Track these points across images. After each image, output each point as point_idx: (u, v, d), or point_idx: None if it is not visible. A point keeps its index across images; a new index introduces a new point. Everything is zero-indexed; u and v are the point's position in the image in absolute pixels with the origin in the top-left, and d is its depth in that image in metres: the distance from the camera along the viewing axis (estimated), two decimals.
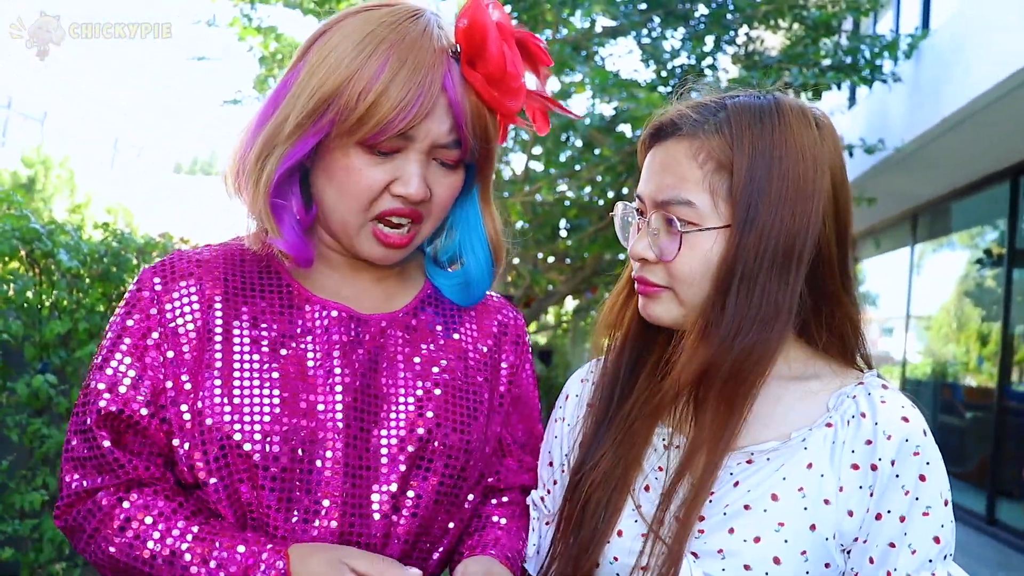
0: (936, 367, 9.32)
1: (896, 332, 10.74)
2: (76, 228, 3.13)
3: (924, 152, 7.55)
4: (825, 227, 1.07)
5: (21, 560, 2.89)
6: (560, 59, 5.71)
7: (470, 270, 1.22)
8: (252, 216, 1.12)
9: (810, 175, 1.05)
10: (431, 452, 1.12)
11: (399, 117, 1.02)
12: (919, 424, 1.05)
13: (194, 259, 1.16)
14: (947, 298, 9.08)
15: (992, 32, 5.97)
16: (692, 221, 1.06)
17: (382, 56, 1.03)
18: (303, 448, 1.06)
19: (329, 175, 1.09)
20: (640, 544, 1.07)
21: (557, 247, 7.96)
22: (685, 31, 6.72)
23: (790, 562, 1.01)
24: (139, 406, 1.08)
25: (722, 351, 1.04)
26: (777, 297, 1.05)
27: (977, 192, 8.23)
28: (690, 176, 1.06)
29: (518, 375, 1.28)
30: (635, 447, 1.13)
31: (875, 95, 8.13)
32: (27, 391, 2.80)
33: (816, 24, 6.75)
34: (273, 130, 1.07)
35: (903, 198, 9.43)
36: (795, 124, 1.07)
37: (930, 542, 1.02)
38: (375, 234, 1.10)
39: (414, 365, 1.16)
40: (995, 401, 7.52)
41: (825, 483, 1.04)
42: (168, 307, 1.11)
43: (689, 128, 1.08)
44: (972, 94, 6.10)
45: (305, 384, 1.09)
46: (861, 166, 8.14)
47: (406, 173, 1.07)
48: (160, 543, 1.04)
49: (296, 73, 1.09)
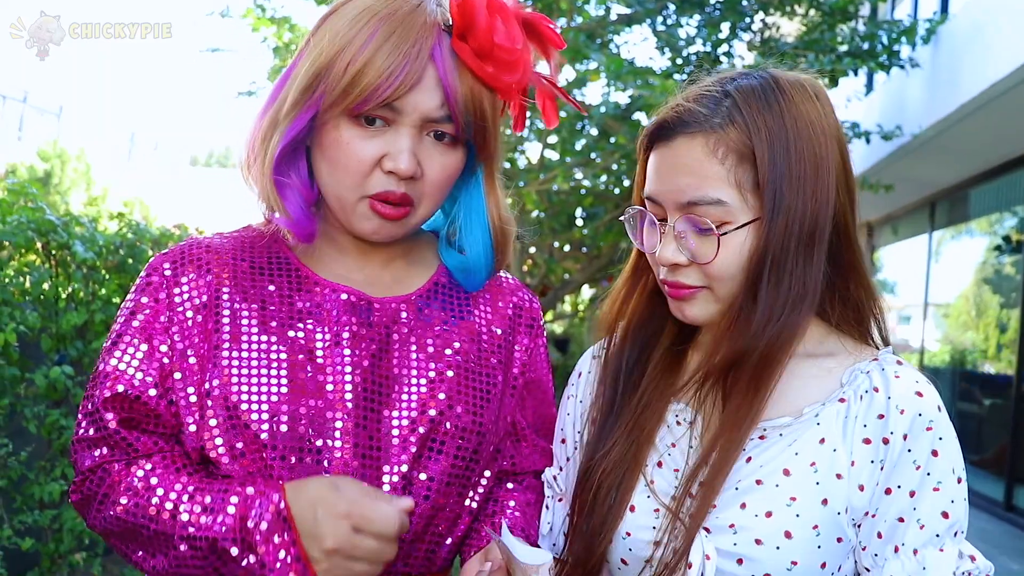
0: (954, 354, 9.25)
1: (914, 320, 10.67)
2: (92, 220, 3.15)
3: (942, 138, 7.48)
4: (840, 197, 1.07)
5: (41, 550, 2.92)
6: (575, 47, 5.68)
7: (469, 256, 1.22)
8: (259, 196, 1.14)
9: (823, 149, 1.05)
10: (443, 434, 1.12)
11: (384, 85, 1.03)
12: (933, 399, 1.04)
13: (204, 245, 1.18)
14: (965, 285, 9.00)
15: (1011, 17, 5.90)
16: (724, 220, 1.04)
17: (372, 27, 1.04)
18: (312, 428, 1.07)
19: (322, 150, 1.10)
20: (653, 519, 1.08)
21: (573, 236, 7.95)
22: (700, 18, 6.66)
23: (802, 536, 1.01)
24: (147, 387, 1.09)
25: (755, 339, 1.04)
26: (804, 280, 1.05)
27: (995, 178, 8.15)
28: (713, 173, 1.04)
29: (532, 358, 1.27)
30: (647, 429, 1.13)
31: (892, 81, 8.05)
32: (45, 382, 2.82)
33: (832, 10, 6.68)
34: (276, 109, 1.10)
35: (921, 185, 9.35)
36: (798, 99, 1.06)
37: (939, 517, 1.01)
38: (372, 207, 1.09)
39: (426, 347, 1.16)
40: (1014, 388, 7.46)
41: (837, 458, 1.04)
42: (177, 292, 1.13)
43: (699, 123, 1.05)
44: (990, 80, 6.03)
45: (314, 365, 1.10)
46: (878, 153, 8.07)
47: (395, 148, 1.07)
48: (164, 497, 1.04)
49: (300, 56, 1.11)
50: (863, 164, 8.34)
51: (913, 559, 1.00)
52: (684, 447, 1.12)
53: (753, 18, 6.83)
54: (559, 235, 7.98)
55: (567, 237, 8.02)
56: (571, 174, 6.90)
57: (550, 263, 7.90)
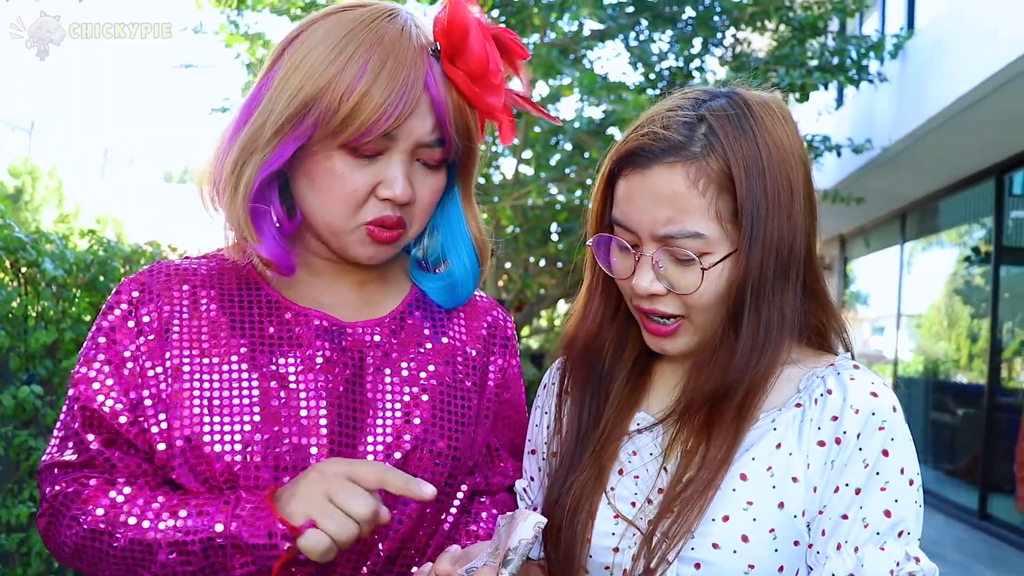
0: (927, 365, 9.34)
1: (887, 331, 10.77)
2: (62, 237, 3.11)
3: (911, 151, 7.58)
4: (806, 219, 1.07)
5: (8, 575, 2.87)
6: (548, 63, 5.71)
7: (454, 271, 1.21)
8: (230, 226, 1.10)
9: (793, 173, 1.05)
10: (418, 459, 1.10)
11: (383, 117, 1.01)
12: (888, 400, 1.04)
13: (174, 270, 1.15)
14: (937, 296, 9.11)
15: (975, 32, 6.00)
16: (703, 251, 1.03)
17: (362, 57, 1.02)
18: (287, 457, 1.05)
19: (310, 179, 1.07)
20: (612, 525, 1.09)
21: (548, 251, 7.96)
22: (672, 34, 6.72)
23: (758, 540, 1.01)
24: (118, 414, 1.07)
25: (738, 371, 1.04)
26: (783, 306, 1.05)
27: (964, 190, 8.27)
28: (693, 206, 1.02)
29: (506, 378, 1.26)
30: (611, 449, 1.13)
31: (862, 95, 8.15)
32: (13, 402, 2.77)
33: (802, 25, 6.76)
34: (251, 136, 1.05)
35: (891, 197, 9.46)
36: (769, 122, 1.05)
37: (881, 516, 1.01)
38: (370, 234, 1.08)
39: (400, 371, 1.14)
40: (985, 397, 7.54)
41: (793, 462, 1.04)
42: (146, 319, 1.11)
43: (677, 152, 1.03)
44: (956, 93, 6.12)
45: (287, 393, 1.08)
46: (849, 166, 8.16)
47: (389, 176, 1.05)
48: (145, 507, 1.01)
49: (271, 78, 1.07)
50: (835, 177, 8.43)
51: (853, 556, 1.00)
52: (646, 456, 1.12)
53: (725, 34, 6.89)
54: (534, 250, 7.98)
55: (542, 252, 8.02)
56: (546, 189, 6.92)
57: (525, 278, 7.90)
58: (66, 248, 3.02)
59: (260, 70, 1.11)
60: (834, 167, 8.20)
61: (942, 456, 8.71)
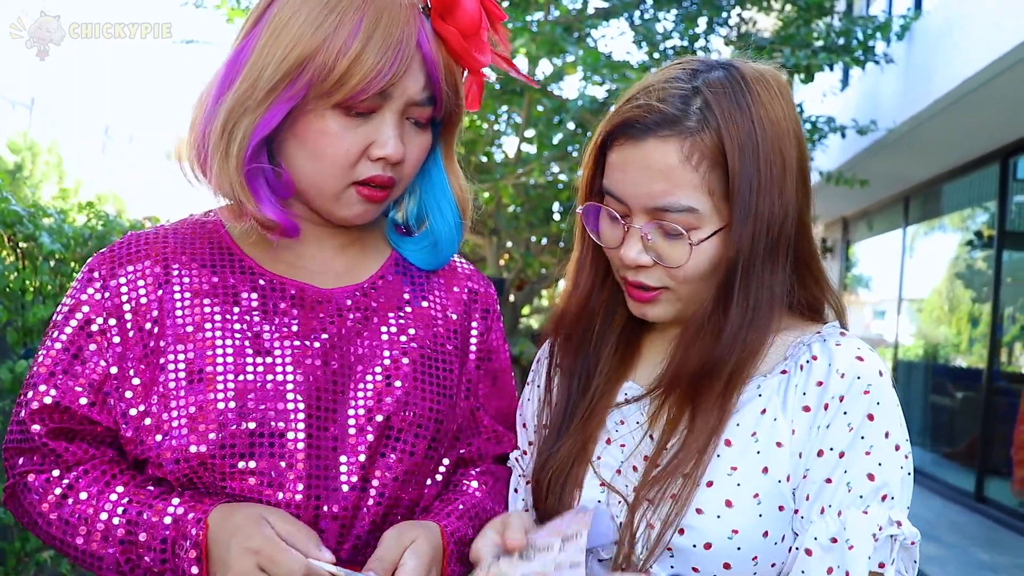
0: (928, 349, 9.34)
1: (888, 314, 10.76)
2: (60, 212, 3.10)
3: (916, 134, 7.54)
4: (799, 196, 1.06)
5: (6, 549, 2.87)
6: (552, 40, 5.67)
7: (438, 231, 1.20)
8: (220, 192, 1.08)
9: (787, 149, 1.04)
10: (400, 423, 1.10)
11: (379, 76, 1.01)
12: (874, 365, 1.04)
13: (143, 240, 1.14)
14: (939, 280, 9.09)
15: (982, 14, 5.95)
16: (694, 225, 1.02)
17: (355, 15, 1.01)
18: (264, 424, 1.04)
19: (302, 140, 1.06)
20: (598, 493, 1.09)
21: (550, 230, 7.95)
22: (677, 12, 6.68)
23: (742, 505, 1.01)
24: (77, 396, 1.07)
25: (726, 350, 1.04)
26: (772, 284, 1.05)
27: (968, 174, 8.23)
28: (686, 180, 1.01)
29: (489, 345, 1.26)
30: (603, 402, 1.14)
31: (868, 76, 8.11)
32: (11, 377, 2.77)
33: (808, 5, 6.72)
34: (239, 98, 1.03)
35: (895, 180, 9.42)
36: (764, 96, 1.04)
37: (865, 479, 1.00)
38: (360, 193, 1.08)
39: (380, 335, 1.14)
40: (984, 381, 7.54)
41: (778, 427, 1.04)
42: (115, 291, 1.09)
43: (672, 126, 1.02)
44: (962, 76, 6.08)
45: (264, 361, 1.07)
46: (854, 147, 8.12)
47: (383, 135, 1.05)
48: (93, 518, 1.04)
49: (254, 38, 1.05)
50: (839, 159, 8.40)
51: (836, 520, 0.99)
52: (632, 425, 1.12)
53: (730, 13, 6.86)
54: (536, 229, 7.98)
55: (544, 231, 8.02)
56: (548, 168, 6.91)
57: (527, 257, 7.90)
58: (64, 222, 3.01)
59: (240, 31, 1.09)
60: (838, 149, 8.17)
61: (940, 439, 8.73)
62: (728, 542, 1.01)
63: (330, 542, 1.06)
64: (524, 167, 6.72)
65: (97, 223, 3.11)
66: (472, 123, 7.11)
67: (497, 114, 7.32)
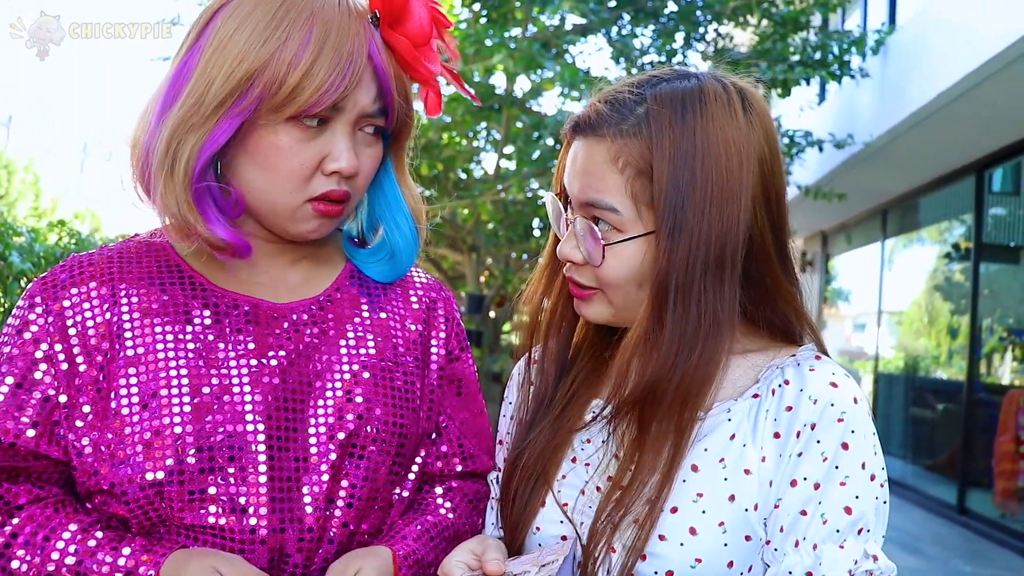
0: (908, 361, 9.38)
1: (868, 327, 10.82)
2: (31, 231, 3.05)
3: (892, 147, 7.61)
4: (757, 219, 1.04)
5: None
6: (529, 56, 5.68)
7: (395, 243, 1.18)
8: (165, 213, 1.03)
9: (735, 171, 1.01)
10: (363, 438, 1.07)
11: (331, 90, 0.98)
12: (849, 391, 1.01)
13: (86, 262, 1.09)
14: (918, 293, 9.15)
15: (956, 28, 6.02)
16: (616, 227, 1.03)
17: (303, 26, 0.98)
18: (222, 447, 1.01)
19: (252, 156, 1.03)
20: (561, 514, 1.08)
21: (530, 246, 7.93)
22: (655, 28, 6.71)
23: (707, 533, 0.99)
24: (23, 428, 1.01)
25: (666, 368, 1.01)
26: (715, 306, 1.02)
27: (944, 187, 8.31)
28: (611, 181, 1.03)
29: (452, 354, 1.22)
30: (570, 420, 1.13)
31: (844, 90, 8.17)
32: None
33: (784, 20, 6.77)
34: (184, 115, 0.99)
35: (873, 193, 9.49)
36: (718, 114, 1.02)
37: (841, 512, 0.97)
38: (315, 209, 1.05)
39: (338, 349, 1.11)
40: (964, 393, 7.58)
41: (747, 453, 1.01)
42: (59, 316, 1.05)
43: (608, 128, 1.04)
44: (937, 89, 6.14)
45: (219, 382, 1.04)
46: (831, 162, 8.18)
47: (336, 148, 1.03)
48: (40, 569, 0.99)
49: (196, 53, 1.01)
50: (817, 173, 8.45)
51: (811, 554, 0.97)
52: (597, 444, 1.10)
53: (707, 28, 6.89)
54: (516, 246, 7.96)
55: (524, 247, 8.00)
56: (527, 184, 6.90)
57: (507, 274, 7.87)
58: (35, 241, 2.96)
59: (180, 46, 1.05)
60: (816, 163, 8.22)
61: (921, 451, 8.76)
62: (691, 571, 0.98)
63: (299, 561, 1.03)
64: (503, 183, 6.71)
65: (70, 242, 3.06)
66: (451, 140, 7.11)
67: (475, 131, 7.31)
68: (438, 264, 9.38)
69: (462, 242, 8.07)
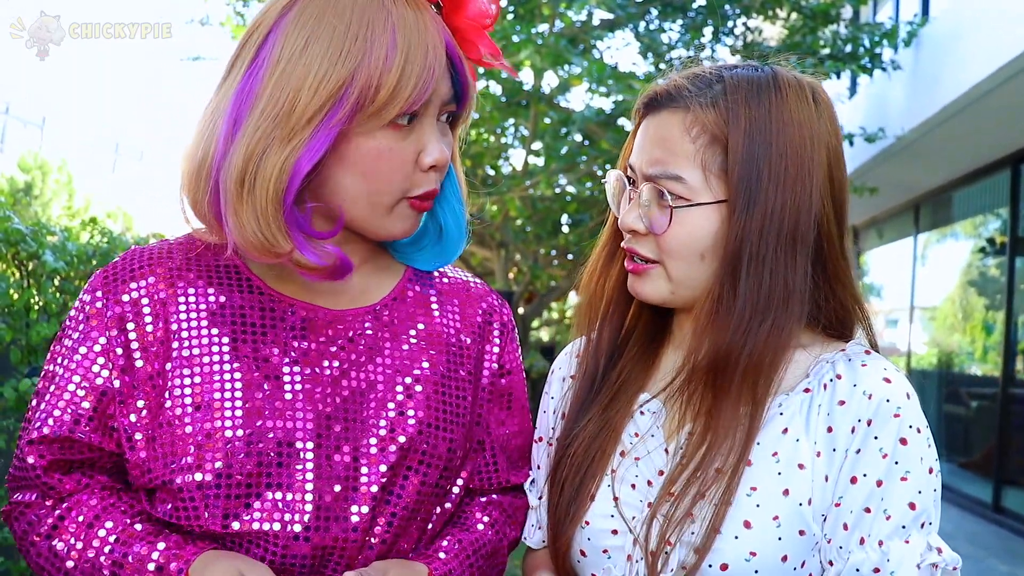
0: (941, 357, 9.26)
1: (901, 323, 10.68)
2: (64, 230, 3.09)
3: (925, 141, 7.50)
4: (824, 206, 1.06)
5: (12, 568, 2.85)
6: (557, 52, 5.66)
7: (447, 223, 1.17)
8: (239, 234, 0.98)
9: (807, 151, 1.04)
10: (414, 454, 1.06)
11: (426, 86, 0.98)
12: (902, 387, 1.02)
13: (146, 256, 1.09)
14: (951, 288, 9.02)
15: (990, 19, 5.91)
16: (682, 196, 1.04)
17: (385, 29, 0.96)
18: (271, 453, 1.00)
19: (351, 165, 0.99)
20: (611, 508, 1.07)
21: (558, 242, 7.93)
22: (683, 23, 6.67)
23: (761, 527, 0.98)
24: (80, 419, 1.03)
25: (738, 336, 1.02)
26: (787, 278, 1.03)
27: (978, 181, 8.18)
28: (681, 150, 1.05)
29: (504, 367, 1.21)
30: (619, 414, 1.12)
31: (875, 84, 8.06)
32: (14, 395, 2.75)
33: (814, 13, 6.69)
34: (265, 130, 0.95)
35: (905, 187, 9.37)
36: (792, 98, 1.05)
37: (906, 508, 0.98)
38: (412, 206, 1.05)
39: (394, 360, 1.10)
40: (1000, 390, 7.47)
41: (800, 448, 1.02)
42: (119, 311, 1.05)
43: (684, 100, 1.06)
44: (971, 82, 6.04)
45: (271, 386, 1.03)
46: (862, 155, 8.08)
47: (429, 142, 1.02)
48: (81, 553, 1.01)
49: (263, 65, 0.97)
50: (848, 167, 8.25)
51: (878, 550, 0.97)
52: (648, 438, 1.10)
53: (736, 22, 6.84)
54: (544, 242, 7.96)
55: (552, 244, 8.00)
56: (555, 180, 6.89)
57: (535, 270, 7.87)
58: (67, 240, 3.00)
59: (233, 64, 1.01)
60: (847, 157, 8.08)
61: (956, 449, 8.64)
62: (745, 564, 0.98)
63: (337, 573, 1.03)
64: (531, 179, 6.70)
65: (101, 240, 3.10)
66: (479, 136, 7.11)
67: (504, 127, 7.32)
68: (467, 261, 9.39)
69: (490, 238, 8.08)
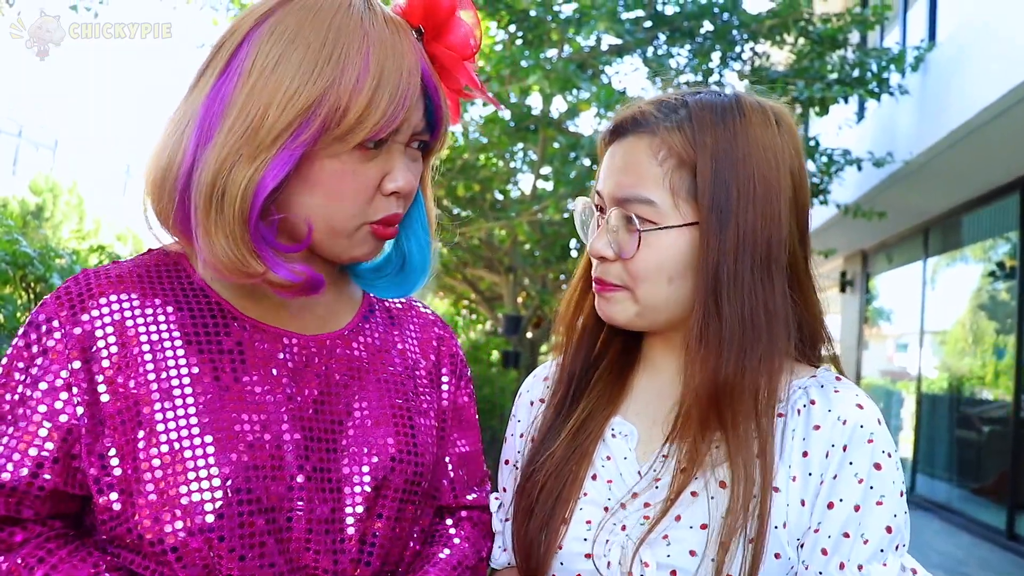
0: (952, 382, 9.20)
1: (911, 347, 10.62)
2: (72, 252, 3.11)
3: (933, 165, 7.49)
4: (791, 225, 1.07)
5: None
6: (565, 77, 5.69)
7: (410, 251, 1.13)
8: (208, 252, 0.93)
9: (774, 173, 1.05)
10: (393, 479, 1.05)
11: (396, 114, 0.94)
12: (873, 413, 1.04)
13: (104, 277, 0.99)
14: (961, 312, 8.97)
15: (997, 44, 5.92)
16: (651, 219, 1.04)
17: (359, 50, 0.93)
18: (254, 484, 0.94)
19: (314, 185, 0.96)
20: (585, 531, 1.07)
21: (567, 267, 7.92)
22: (690, 48, 6.69)
23: (736, 550, 0.98)
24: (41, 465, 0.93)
25: (732, 365, 1.02)
26: (767, 301, 1.04)
27: (987, 204, 8.16)
28: (649, 174, 1.05)
29: (458, 389, 1.22)
30: (589, 438, 1.13)
31: (883, 108, 8.08)
32: None
33: (822, 38, 6.72)
34: (234, 144, 0.91)
35: (914, 212, 9.36)
36: (756, 121, 1.06)
37: (883, 532, 0.99)
38: (374, 232, 1.01)
39: (365, 386, 1.08)
40: (1012, 414, 7.40)
41: (776, 472, 1.02)
42: (78, 337, 0.95)
43: (649, 125, 1.07)
44: (978, 106, 6.04)
45: (250, 416, 0.97)
46: (871, 180, 8.08)
47: (395, 168, 0.99)
48: None
49: (234, 76, 0.94)
50: (856, 191, 8.35)
51: (858, 574, 0.98)
52: (620, 460, 1.10)
53: (743, 47, 6.86)
54: (553, 266, 7.96)
55: (561, 268, 7.99)
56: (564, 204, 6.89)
57: (543, 295, 7.87)
58: (75, 263, 3.01)
59: (211, 63, 0.98)
60: (855, 181, 8.12)
61: (968, 474, 8.56)
62: None
63: None
64: (540, 204, 6.71)
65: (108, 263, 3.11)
66: (488, 161, 7.13)
67: (512, 151, 7.34)
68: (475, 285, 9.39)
69: (499, 263, 8.08)
